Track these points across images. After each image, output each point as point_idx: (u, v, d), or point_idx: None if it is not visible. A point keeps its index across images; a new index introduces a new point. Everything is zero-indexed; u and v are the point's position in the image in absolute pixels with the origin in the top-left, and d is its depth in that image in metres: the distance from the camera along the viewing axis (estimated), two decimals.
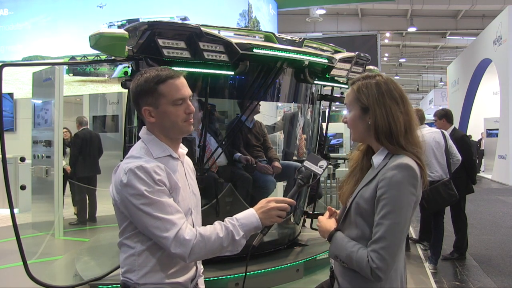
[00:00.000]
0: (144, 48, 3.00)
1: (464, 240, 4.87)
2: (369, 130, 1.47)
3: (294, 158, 4.92)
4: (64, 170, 6.71)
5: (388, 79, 1.50)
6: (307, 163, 1.61)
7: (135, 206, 1.38)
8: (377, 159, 1.47)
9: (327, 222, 1.56)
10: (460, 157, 4.49)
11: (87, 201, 6.76)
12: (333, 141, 13.31)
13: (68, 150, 6.98)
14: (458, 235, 4.85)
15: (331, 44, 4.14)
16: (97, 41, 2.85)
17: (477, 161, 16.01)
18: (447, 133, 4.62)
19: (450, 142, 4.51)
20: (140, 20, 4.48)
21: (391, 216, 1.34)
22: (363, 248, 1.38)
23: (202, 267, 1.67)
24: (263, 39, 3.60)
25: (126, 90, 3.02)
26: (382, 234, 1.34)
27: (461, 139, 4.83)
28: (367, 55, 4.16)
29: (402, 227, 1.35)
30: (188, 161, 1.66)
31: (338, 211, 1.66)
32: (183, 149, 1.61)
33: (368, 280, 1.39)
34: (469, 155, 4.79)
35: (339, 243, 1.46)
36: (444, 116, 4.93)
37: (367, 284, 1.40)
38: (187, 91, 1.50)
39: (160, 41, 2.96)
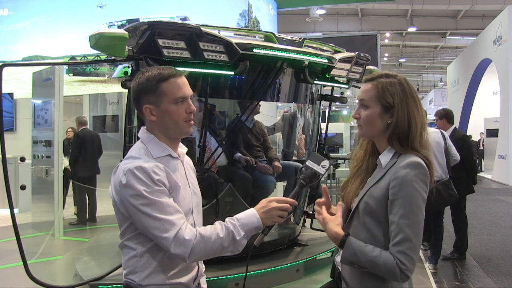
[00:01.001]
0: (144, 48, 3.00)
1: (464, 240, 4.87)
2: (386, 129, 1.46)
3: (294, 158, 4.92)
4: (66, 170, 6.73)
5: (407, 80, 1.51)
6: (309, 163, 1.59)
7: (135, 206, 1.37)
8: (384, 159, 1.47)
9: (333, 225, 1.47)
10: (458, 157, 4.50)
11: (87, 201, 6.76)
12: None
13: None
14: (459, 235, 4.85)
15: (331, 44, 4.14)
16: (97, 41, 2.85)
17: (477, 161, 16.04)
18: (446, 133, 4.63)
19: (449, 142, 4.52)
20: (140, 20, 4.48)
21: (411, 215, 1.34)
22: (385, 251, 1.36)
23: (204, 266, 1.67)
24: (263, 39, 3.60)
25: (126, 90, 3.03)
26: (406, 236, 1.33)
27: (462, 139, 4.84)
28: (367, 55, 4.16)
29: (422, 224, 1.37)
30: (188, 160, 1.66)
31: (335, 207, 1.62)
32: (182, 148, 1.61)
33: (379, 280, 1.40)
34: (469, 155, 4.79)
35: (356, 249, 1.40)
36: (444, 116, 4.93)
37: (379, 284, 1.41)
38: (188, 90, 1.50)
39: (160, 41, 2.95)
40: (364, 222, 1.45)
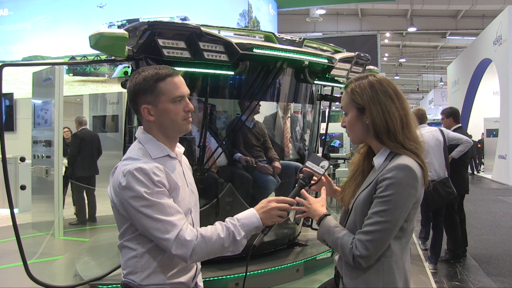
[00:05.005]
0: (144, 48, 3.00)
1: (457, 241, 4.75)
2: (367, 130, 1.48)
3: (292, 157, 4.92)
4: (67, 169, 6.74)
5: (381, 77, 1.52)
6: (308, 164, 1.62)
7: (135, 208, 1.37)
8: (378, 161, 1.48)
9: (318, 205, 1.56)
10: (468, 139, 4.62)
11: (86, 201, 6.75)
12: (337, 143, 13.28)
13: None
14: (451, 237, 4.78)
15: (331, 44, 4.14)
16: (97, 41, 2.85)
17: (477, 161, 16.06)
18: (445, 130, 4.65)
19: (450, 135, 4.60)
20: (140, 20, 4.48)
21: (384, 214, 1.37)
22: (348, 235, 1.44)
23: (200, 265, 1.68)
24: (263, 39, 3.60)
25: (126, 90, 3.02)
26: (372, 229, 1.37)
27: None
28: (367, 55, 4.16)
29: (393, 226, 1.38)
30: (185, 160, 1.66)
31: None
32: (180, 148, 1.61)
33: (373, 280, 1.41)
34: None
35: (327, 227, 1.50)
36: (451, 115, 5.01)
37: (371, 283, 1.42)
38: (185, 89, 1.50)
39: (160, 41, 2.95)
40: (356, 223, 1.48)
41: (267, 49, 3.35)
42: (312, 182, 1.62)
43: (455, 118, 5.00)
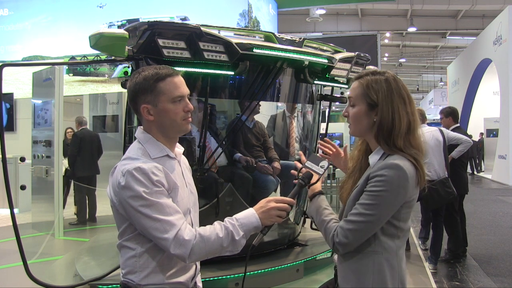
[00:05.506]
0: (144, 48, 3.00)
1: (457, 241, 4.76)
2: (372, 127, 1.46)
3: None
4: (67, 170, 6.75)
5: (396, 77, 1.49)
6: (308, 163, 1.61)
7: (134, 208, 1.37)
8: (373, 159, 1.48)
9: (315, 183, 1.60)
10: (468, 139, 4.64)
11: (87, 201, 6.76)
12: (337, 143, 13.28)
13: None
14: (452, 237, 4.78)
15: (331, 44, 4.14)
16: (97, 41, 2.85)
17: (477, 161, 16.07)
18: (445, 130, 4.65)
19: (450, 135, 4.61)
20: (140, 20, 4.48)
21: (369, 207, 1.38)
22: (334, 221, 1.48)
23: (199, 265, 1.68)
24: (263, 39, 3.60)
25: (126, 90, 3.02)
26: (354, 219, 1.40)
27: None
28: (367, 55, 4.16)
29: (375, 220, 1.39)
30: (184, 160, 1.66)
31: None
32: (179, 148, 1.61)
33: (364, 276, 1.43)
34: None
35: (317, 206, 1.54)
36: (450, 115, 5.03)
37: (362, 277, 1.44)
38: (185, 89, 1.51)
39: (160, 41, 2.95)
40: None
41: (267, 49, 3.35)
42: (312, 182, 1.62)
43: (454, 117, 5.02)
